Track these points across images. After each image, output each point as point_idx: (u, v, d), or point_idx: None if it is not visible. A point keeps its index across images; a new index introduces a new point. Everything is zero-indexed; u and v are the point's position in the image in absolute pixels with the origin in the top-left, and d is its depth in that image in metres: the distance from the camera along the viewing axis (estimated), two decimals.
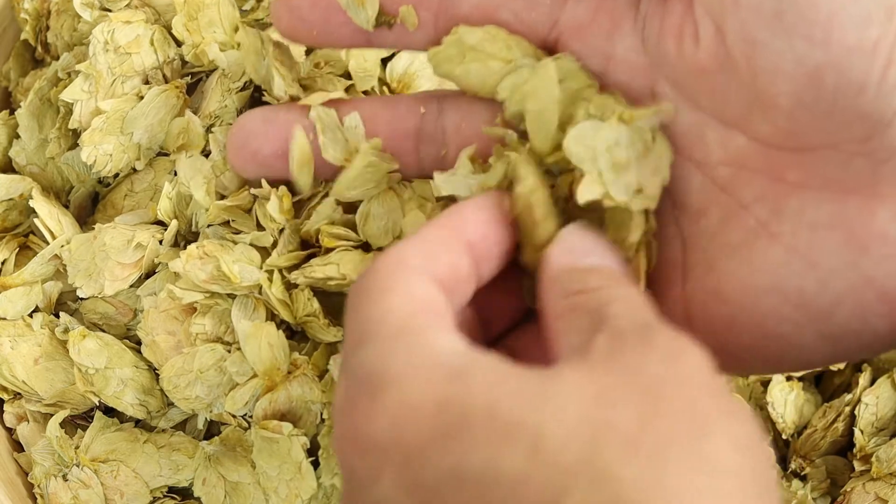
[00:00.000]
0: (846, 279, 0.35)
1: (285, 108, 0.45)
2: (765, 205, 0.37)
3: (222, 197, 0.49)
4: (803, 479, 0.55)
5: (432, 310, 0.34)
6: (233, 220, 0.49)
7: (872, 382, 0.55)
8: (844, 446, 0.55)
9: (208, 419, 0.51)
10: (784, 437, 0.56)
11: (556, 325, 0.35)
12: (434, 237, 0.36)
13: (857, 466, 0.54)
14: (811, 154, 0.36)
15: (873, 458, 0.52)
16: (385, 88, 0.54)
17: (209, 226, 0.50)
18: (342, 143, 0.44)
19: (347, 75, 0.53)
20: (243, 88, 0.51)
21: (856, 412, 0.54)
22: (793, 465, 0.55)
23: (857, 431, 0.53)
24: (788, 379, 0.56)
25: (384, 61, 0.54)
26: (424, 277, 0.34)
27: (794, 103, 0.35)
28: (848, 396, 0.54)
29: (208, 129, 0.51)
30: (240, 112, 0.51)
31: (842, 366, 0.56)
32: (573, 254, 0.37)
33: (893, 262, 0.35)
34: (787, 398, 0.56)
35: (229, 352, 0.48)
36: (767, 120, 0.36)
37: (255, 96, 0.52)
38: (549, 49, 0.41)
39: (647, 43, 0.39)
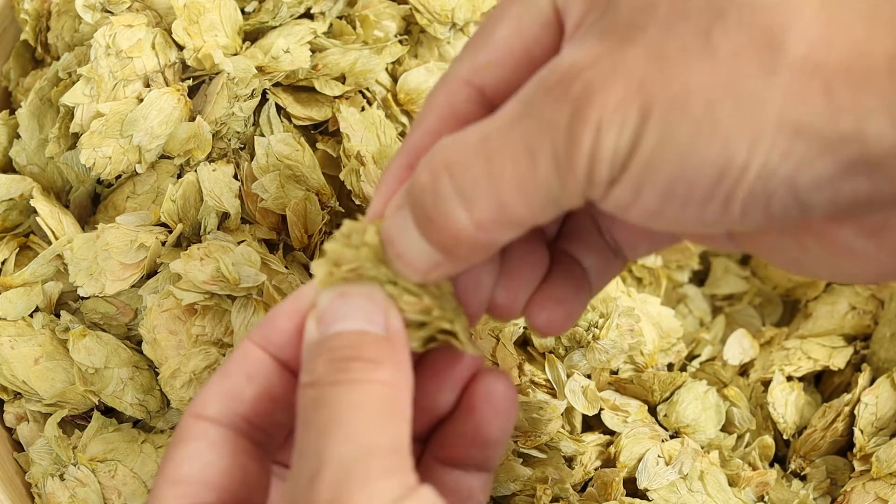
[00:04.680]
0: None
1: None
2: None
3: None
4: (803, 479, 0.55)
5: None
6: None
7: (872, 382, 0.55)
8: (844, 446, 0.55)
9: None
10: (784, 437, 0.56)
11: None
12: (240, 368, 0.38)
13: (857, 466, 0.54)
14: None
15: (873, 458, 0.52)
16: (390, 97, 0.54)
17: (210, 231, 0.50)
18: None
19: (343, 78, 0.53)
20: (251, 96, 0.51)
21: (855, 412, 0.54)
22: (793, 465, 0.55)
23: (856, 431, 0.53)
24: (789, 379, 0.56)
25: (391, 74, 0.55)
26: (217, 439, 0.37)
27: None
28: (847, 396, 0.54)
29: (215, 135, 0.51)
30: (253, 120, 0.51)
31: (842, 365, 0.56)
32: (324, 321, 0.36)
33: None
34: (787, 399, 0.56)
35: (224, 355, 0.48)
36: None
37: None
38: None
39: None
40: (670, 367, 0.57)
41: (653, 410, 0.55)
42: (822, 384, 0.58)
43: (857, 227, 0.35)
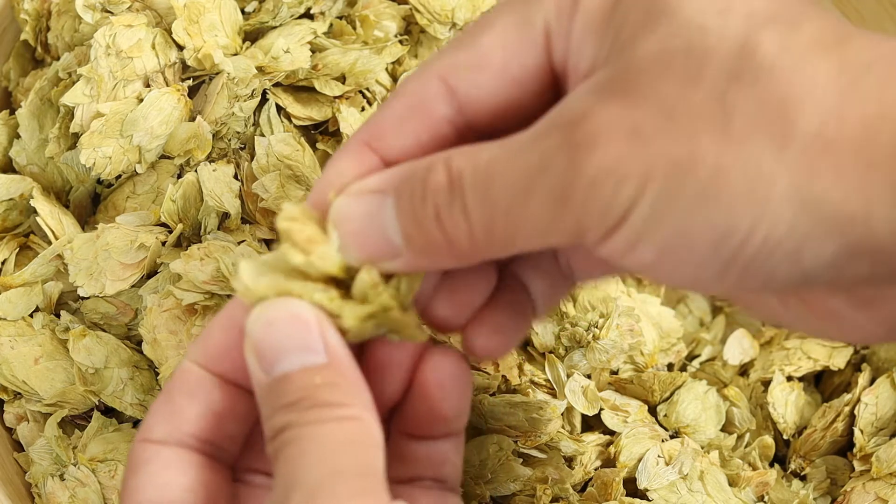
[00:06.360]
0: None
1: None
2: None
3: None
4: (803, 479, 0.55)
5: None
6: None
7: (872, 382, 0.55)
8: (844, 446, 0.55)
9: None
10: (784, 437, 0.56)
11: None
12: (180, 388, 0.38)
13: (857, 466, 0.54)
14: None
15: (873, 458, 0.52)
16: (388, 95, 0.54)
17: (210, 231, 0.50)
18: None
19: (343, 78, 0.53)
20: (251, 96, 0.51)
21: (855, 412, 0.54)
22: (793, 465, 0.55)
23: (856, 431, 0.53)
24: (789, 379, 0.56)
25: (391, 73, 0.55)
26: (169, 459, 0.37)
27: None
28: (847, 396, 0.54)
29: (215, 135, 0.51)
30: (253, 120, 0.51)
31: (842, 365, 0.56)
32: (264, 359, 0.36)
33: None
34: (787, 398, 0.56)
35: None
36: None
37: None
38: None
39: None
40: (670, 367, 0.57)
41: (653, 410, 0.55)
42: (822, 384, 0.58)
43: (849, 297, 0.34)
